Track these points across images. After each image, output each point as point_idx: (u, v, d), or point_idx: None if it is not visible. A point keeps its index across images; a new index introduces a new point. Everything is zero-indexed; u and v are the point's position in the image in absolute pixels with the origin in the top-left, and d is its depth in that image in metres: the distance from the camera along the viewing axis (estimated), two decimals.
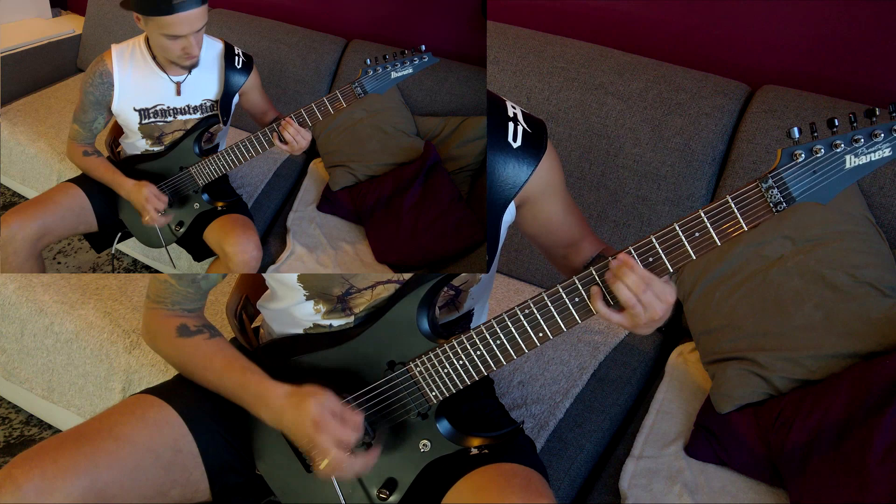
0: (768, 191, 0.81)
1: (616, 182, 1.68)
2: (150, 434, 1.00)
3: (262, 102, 1.65)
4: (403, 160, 1.88)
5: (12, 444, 1.78)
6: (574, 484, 1.33)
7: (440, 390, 0.98)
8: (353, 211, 1.90)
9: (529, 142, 1.01)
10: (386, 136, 1.90)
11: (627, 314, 0.87)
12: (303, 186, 2.04)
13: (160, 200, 1.50)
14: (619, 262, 0.85)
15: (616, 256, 0.86)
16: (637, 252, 0.86)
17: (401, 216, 1.76)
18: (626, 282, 0.85)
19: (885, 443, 1.12)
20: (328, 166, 1.99)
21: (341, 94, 1.35)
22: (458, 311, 1.12)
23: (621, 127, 1.67)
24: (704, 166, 1.61)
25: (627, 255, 0.85)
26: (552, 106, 1.74)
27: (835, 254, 1.38)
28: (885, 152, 0.78)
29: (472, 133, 1.87)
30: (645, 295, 0.85)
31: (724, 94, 1.64)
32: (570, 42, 1.82)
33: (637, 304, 0.85)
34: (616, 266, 0.85)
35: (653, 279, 0.85)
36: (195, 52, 1.44)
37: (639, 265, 0.85)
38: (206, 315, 1.13)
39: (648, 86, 1.68)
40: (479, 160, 1.85)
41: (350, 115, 1.95)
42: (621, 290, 0.85)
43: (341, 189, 1.93)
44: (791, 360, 1.32)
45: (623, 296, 0.85)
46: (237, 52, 1.57)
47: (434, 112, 2.01)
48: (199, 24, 1.38)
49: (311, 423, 0.94)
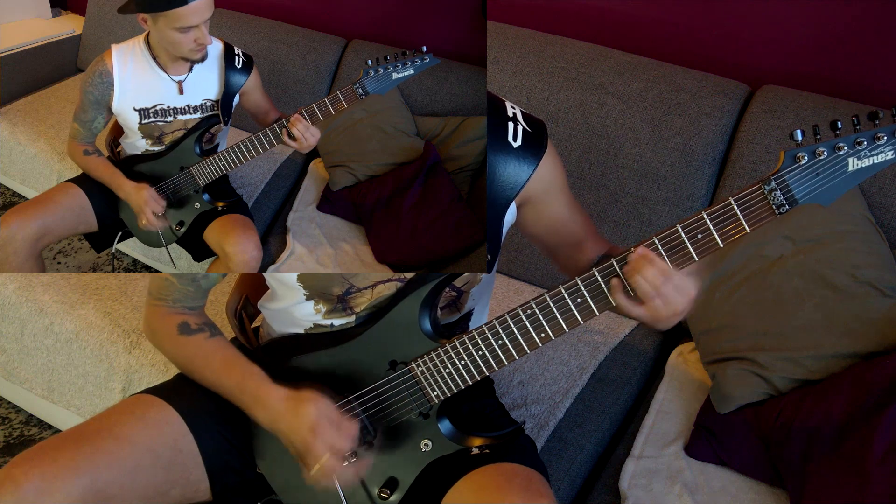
0: (771, 193, 0.81)
1: (616, 182, 1.68)
2: (149, 434, 1.00)
3: (264, 102, 1.65)
4: (403, 160, 1.88)
5: (12, 444, 1.78)
6: (574, 484, 1.33)
7: (442, 390, 0.98)
8: (353, 211, 1.90)
9: (530, 141, 1.01)
10: (386, 136, 1.90)
11: (648, 307, 0.86)
12: (303, 186, 2.04)
13: (158, 203, 1.50)
14: (639, 255, 0.84)
15: (636, 249, 0.85)
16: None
17: (401, 216, 1.76)
18: (646, 275, 0.83)
19: (885, 443, 1.12)
20: (328, 166, 1.99)
21: (342, 94, 1.35)
22: (460, 312, 1.12)
23: (621, 127, 1.67)
24: (704, 166, 1.61)
25: (646, 249, 0.85)
26: (552, 106, 1.74)
27: (835, 254, 1.38)
28: (888, 155, 0.77)
29: (472, 133, 1.87)
30: (664, 288, 0.84)
31: (724, 94, 1.64)
32: (570, 42, 1.82)
33: (656, 296, 0.84)
34: (635, 258, 0.84)
35: (673, 272, 0.84)
36: (207, 40, 1.44)
37: (657, 258, 0.84)
38: (206, 315, 1.13)
39: (648, 86, 1.68)
40: (479, 160, 1.85)
41: (350, 115, 1.95)
42: (640, 283, 0.84)
43: (341, 189, 1.93)
44: (791, 360, 1.32)
45: (642, 288, 0.84)
46: (237, 52, 1.57)
47: (434, 112, 2.01)
48: (209, 13, 1.39)
49: (309, 428, 0.94)
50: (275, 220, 2.00)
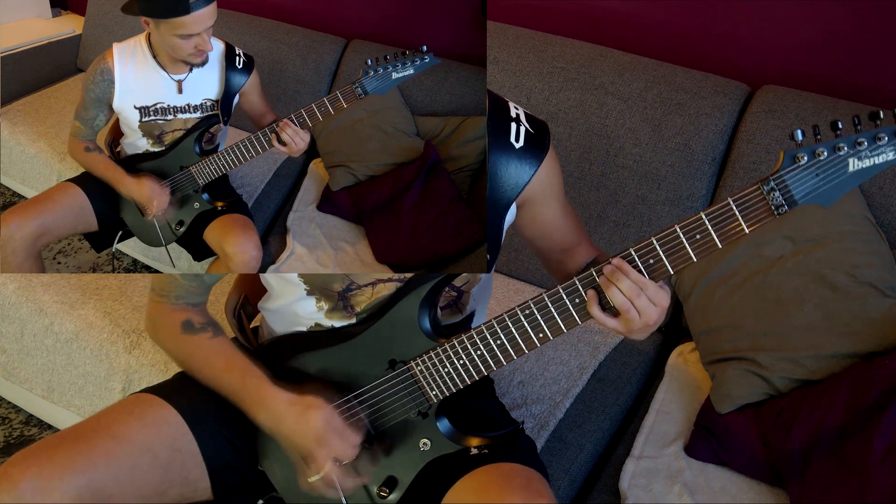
0: (770, 193, 0.81)
1: (616, 182, 1.68)
2: (148, 433, 1.00)
3: (261, 105, 1.65)
4: (403, 160, 1.88)
5: (12, 444, 1.78)
6: (574, 484, 1.33)
7: (440, 389, 0.98)
8: (352, 211, 1.90)
9: (532, 142, 1.01)
10: (386, 136, 1.90)
11: (622, 319, 0.87)
12: (303, 186, 2.05)
13: (163, 193, 1.50)
14: (613, 267, 0.85)
15: (610, 261, 0.86)
16: (637, 253, 0.86)
17: (401, 216, 1.76)
18: (621, 287, 0.84)
19: (885, 443, 1.12)
20: (328, 166, 1.99)
21: (342, 94, 1.34)
22: (462, 314, 1.12)
23: (621, 127, 1.67)
24: (704, 166, 1.61)
25: (621, 260, 0.85)
26: (552, 106, 1.74)
27: (835, 254, 1.38)
28: (889, 156, 0.77)
29: (472, 133, 1.87)
30: (639, 300, 0.85)
31: (724, 94, 1.64)
32: (570, 42, 1.82)
33: (631, 308, 0.85)
34: (609, 271, 0.85)
35: (647, 283, 0.85)
36: (208, 47, 1.44)
37: (632, 270, 0.85)
38: (209, 313, 1.13)
39: (648, 86, 1.68)
40: (479, 160, 1.85)
41: (350, 115, 1.95)
42: (615, 295, 0.85)
43: (341, 189, 1.93)
44: (791, 360, 1.32)
45: (617, 300, 0.85)
46: (238, 52, 1.58)
47: (434, 112, 2.01)
48: (212, 21, 1.39)
49: (314, 437, 0.95)
50: (275, 220, 2.00)
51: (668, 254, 0.85)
